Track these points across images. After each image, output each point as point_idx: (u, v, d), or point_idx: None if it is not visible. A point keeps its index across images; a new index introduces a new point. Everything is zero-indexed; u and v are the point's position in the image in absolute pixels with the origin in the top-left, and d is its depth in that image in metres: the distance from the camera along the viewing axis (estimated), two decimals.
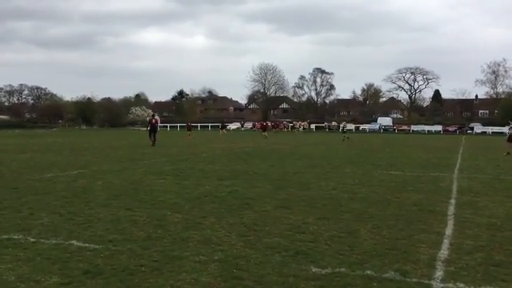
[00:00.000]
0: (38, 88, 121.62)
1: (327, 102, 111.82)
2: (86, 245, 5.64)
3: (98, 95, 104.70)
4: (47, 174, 12.55)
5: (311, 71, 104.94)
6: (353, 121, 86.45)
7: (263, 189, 10.12)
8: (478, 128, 69.12)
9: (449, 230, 6.48)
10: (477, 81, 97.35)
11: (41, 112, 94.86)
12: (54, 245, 5.65)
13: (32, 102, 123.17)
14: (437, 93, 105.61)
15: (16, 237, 6.01)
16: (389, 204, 8.43)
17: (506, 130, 22.35)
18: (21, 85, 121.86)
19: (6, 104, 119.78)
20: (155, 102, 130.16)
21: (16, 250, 5.45)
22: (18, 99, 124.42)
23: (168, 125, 79.76)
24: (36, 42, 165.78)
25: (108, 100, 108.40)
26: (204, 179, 11.64)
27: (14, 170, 13.71)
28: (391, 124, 78.68)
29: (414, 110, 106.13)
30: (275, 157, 19.11)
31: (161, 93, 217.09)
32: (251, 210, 7.76)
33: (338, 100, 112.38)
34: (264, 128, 48.94)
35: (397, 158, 19.35)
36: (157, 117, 30.59)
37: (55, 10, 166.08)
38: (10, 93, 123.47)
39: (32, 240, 5.86)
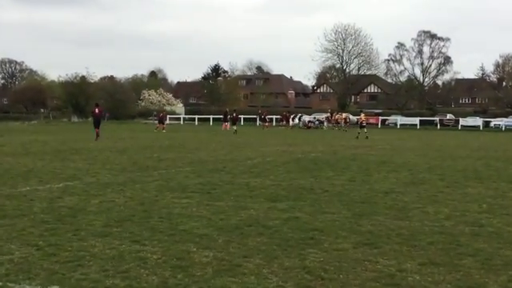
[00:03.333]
0: (10, 62, 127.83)
1: (440, 83, 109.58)
2: None
3: (97, 73, 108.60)
4: (21, 188, 13.07)
5: (415, 36, 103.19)
6: (481, 113, 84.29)
7: (337, 216, 10.08)
8: None
9: None
10: None
11: (14, 97, 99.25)
12: None
13: (2, 81, 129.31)
14: None
15: None
16: None
17: None
18: None
19: None
20: (178, 83, 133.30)
21: None
22: None
23: (196, 117, 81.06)
24: None
25: (110, 80, 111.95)
26: (248, 199, 11.74)
27: None
28: None
29: None
30: (356, 167, 18.96)
31: (187, 69, 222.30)
32: (318, 248, 7.74)
33: (457, 80, 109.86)
34: (234, 120, 50.74)
35: None
36: (100, 107, 37.39)
37: None
38: None
39: None
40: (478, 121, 74.63)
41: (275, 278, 6.40)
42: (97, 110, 36.40)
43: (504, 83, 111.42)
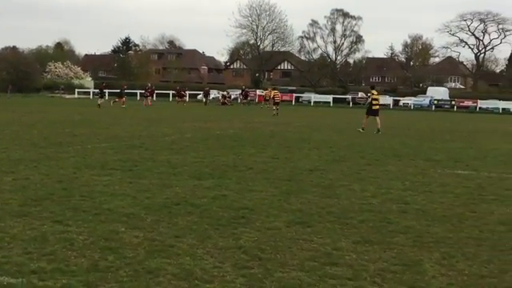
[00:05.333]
0: None
1: (351, 61, 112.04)
2: None
3: None
4: None
5: (328, 14, 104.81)
6: (390, 91, 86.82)
7: (265, 194, 10.04)
8: None
9: None
10: None
11: None
12: None
13: None
14: None
15: None
16: (461, 221, 8.40)
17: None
18: None
19: None
20: (86, 56, 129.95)
21: None
22: None
23: (107, 91, 79.16)
24: None
25: (13, 51, 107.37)
26: (172, 177, 11.53)
27: None
28: (448, 97, 79.16)
29: (482, 78, 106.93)
30: (277, 144, 19.05)
31: (95, 42, 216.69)
32: (251, 227, 7.66)
33: (369, 59, 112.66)
34: (101, 91, 51.23)
35: (463, 149, 19.41)
36: None
37: None
38: None
39: None
40: (387, 99, 76.83)
41: (211, 259, 6.26)
42: None
43: (412, 63, 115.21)
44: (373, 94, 27.54)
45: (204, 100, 64.17)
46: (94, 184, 10.47)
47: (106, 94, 61.76)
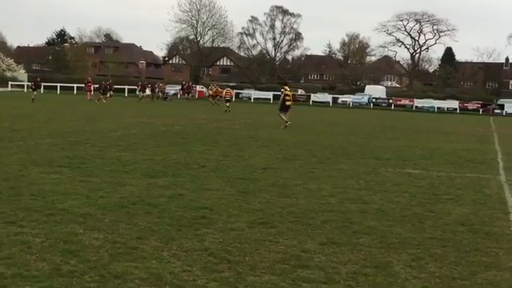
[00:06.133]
0: None
1: (290, 58, 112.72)
2: None
3: None
4: None
5: (268, 11, 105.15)
6: (329, 89, 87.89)
7: (222, 193, 9.89)
8: (511, 106, 71.82)
9: None
10: (511, 37, 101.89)
11: None
12: None
13: None
14: (449, 52, 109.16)
15: None
16: (422, 222, 8.44)
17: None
18: None
19: None
20: (18, 48, 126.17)
21: None
22: None
23: (42, 84, 77.19)
24: None
25: None
26: (124, 175, 11.23)
27: None
28: (385, 96, 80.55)
29: (417, 77, 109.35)
30: (225, 141, 18.89)
31: (29, 33, 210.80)
32: (213, 228, 7.49)
33: (307, 56, 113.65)
34: (35, 86, 48.17)
35: (408, 148, 19.67)
36: None
37: None
38: None
39: None
40: (327, 97, 77.76)
41: (179, 262, 6.06)
42: None
43: (349, 61, 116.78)
44: (285, 90, 28.02)
45: (151, 95, 62.87)
46: (43, 182, 10.07)
47: (41, 88, 60.17)
